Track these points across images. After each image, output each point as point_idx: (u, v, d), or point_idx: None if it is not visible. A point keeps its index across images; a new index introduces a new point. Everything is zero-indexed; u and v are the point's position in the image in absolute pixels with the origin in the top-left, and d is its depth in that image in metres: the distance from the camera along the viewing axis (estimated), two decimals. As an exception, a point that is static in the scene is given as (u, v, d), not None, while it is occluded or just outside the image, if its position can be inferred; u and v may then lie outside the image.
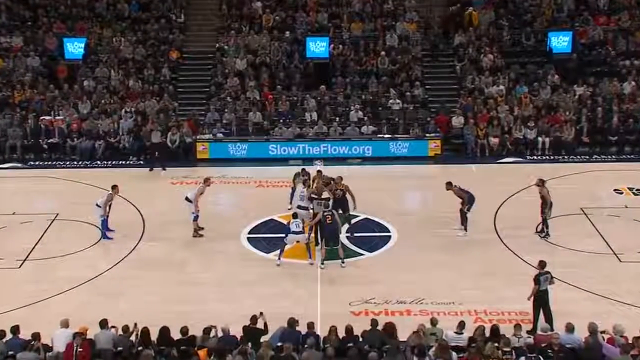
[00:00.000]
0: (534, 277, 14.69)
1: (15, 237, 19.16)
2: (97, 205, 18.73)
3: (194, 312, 15.00)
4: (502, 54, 28.83)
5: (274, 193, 21.67)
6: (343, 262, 17.35)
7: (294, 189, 19.91)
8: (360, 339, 13.15)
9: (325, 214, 17.31)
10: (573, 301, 15.62)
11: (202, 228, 19.09)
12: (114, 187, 18.97)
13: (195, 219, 18.90)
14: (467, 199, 18.69)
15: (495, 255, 18.04)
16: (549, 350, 12.70)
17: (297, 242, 17.49)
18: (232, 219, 20.26)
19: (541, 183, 18.54)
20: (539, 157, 25.43)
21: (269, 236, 19.06)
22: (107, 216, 18.79)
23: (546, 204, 18.40)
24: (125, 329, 13.23)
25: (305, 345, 12.78)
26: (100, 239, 18.79)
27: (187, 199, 18.90)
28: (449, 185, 18.86)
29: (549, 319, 14.35)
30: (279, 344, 12.89)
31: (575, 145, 25.78)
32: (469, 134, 25.89)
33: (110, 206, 18.84)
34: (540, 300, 14.54)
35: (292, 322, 13.39)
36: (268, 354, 12.44)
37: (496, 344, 12.66)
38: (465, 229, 18.84)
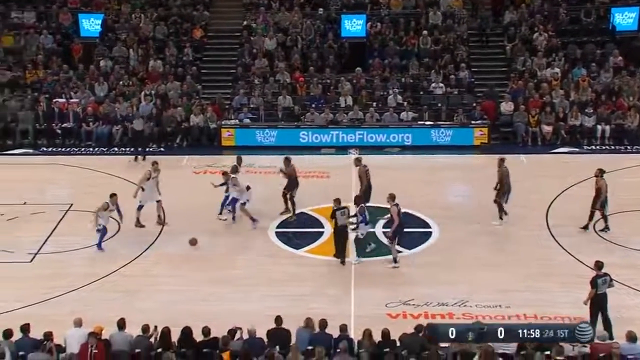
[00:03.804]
0: (590, 280, 14.54)
1: (27, 228, 19.39)
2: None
3: (217, 312, 15.12)
4: (558, 32, 28.55)
5: (305, 184, 21.64)
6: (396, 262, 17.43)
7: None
8: (398, 344, 13.14)
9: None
10: (635, 307, 15.47)
11: (142, 225, 19.15)
12: (113, 195, 18.64)
13: (139, 208, 19.05)
14: (507, 188, 18.84)
15: (547, 254, 17.91)
16: (608, 361, 12.60)
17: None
18: (259, 212, 20.28)
19: (600, 173, 18.37)
20: (597, 147, 25.16)
21: (298, 231, 19.16)
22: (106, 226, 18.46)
23: (599, 198, 18.24)
24: (145, 328, 13.35)
25: (338, 350, 12.81)
26: (115, 234, 18.86)
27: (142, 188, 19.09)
28: (501, 162, 19.06)
29: (607, 326, 14.19)
30: (309, 347, 12.94)
31: (640, 134, 25.52)
32: (519, 121, 25.67)
33: (111, 214, 18.53)
34: (598, 305, 14.39)
35: (323, 324, 13.40)
36: (298, 359, 12.50)
37: (547, 352, 12.58)
38: (501, 218, 19.01)
